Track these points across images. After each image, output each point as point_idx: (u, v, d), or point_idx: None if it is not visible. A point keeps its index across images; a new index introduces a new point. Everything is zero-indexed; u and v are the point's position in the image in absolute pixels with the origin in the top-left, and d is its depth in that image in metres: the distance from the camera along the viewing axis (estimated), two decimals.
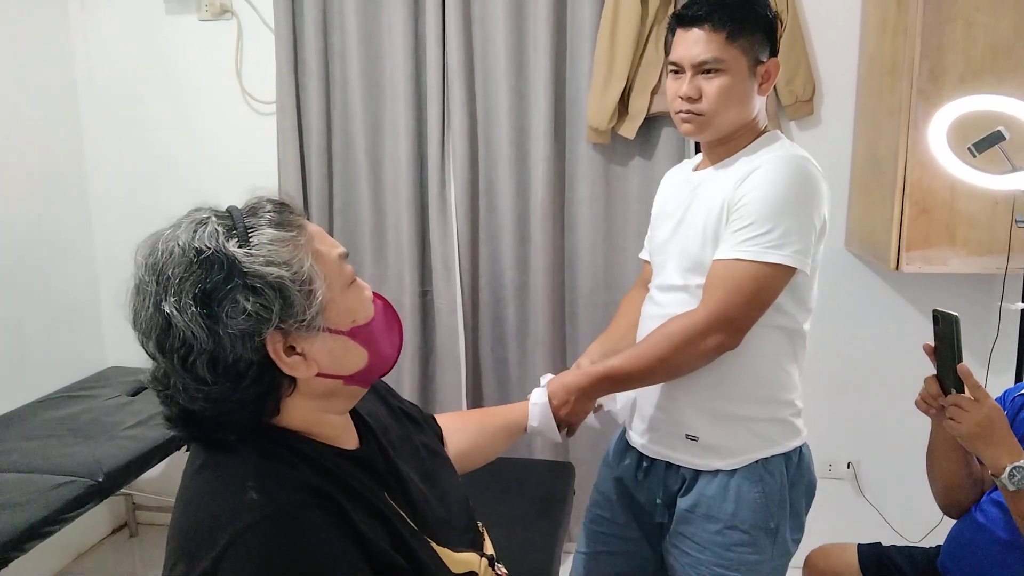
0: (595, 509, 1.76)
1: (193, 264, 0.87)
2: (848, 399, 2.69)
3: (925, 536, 2.37)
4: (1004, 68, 2.08)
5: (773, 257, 1.40)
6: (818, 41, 2.51)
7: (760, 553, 1.54)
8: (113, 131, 2.98)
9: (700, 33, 1.45)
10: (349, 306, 0.97)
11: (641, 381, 1.52)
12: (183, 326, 0.86)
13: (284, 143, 2.76)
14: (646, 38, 2.46)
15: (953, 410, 1.49)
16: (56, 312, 2.91)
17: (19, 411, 2.61)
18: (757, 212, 1.41)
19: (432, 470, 1.17)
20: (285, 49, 2.71)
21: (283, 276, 0.88)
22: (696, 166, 1.64)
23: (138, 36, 2.90)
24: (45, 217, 2.87)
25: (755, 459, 1.53)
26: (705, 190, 1.53)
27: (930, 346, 1.54)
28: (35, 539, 1.96)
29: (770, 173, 1.43)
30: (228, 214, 0.92)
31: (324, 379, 0.96)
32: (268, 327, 0.88)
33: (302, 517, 0.88)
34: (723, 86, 1.46)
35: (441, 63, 2.63)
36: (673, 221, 1.59)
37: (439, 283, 2.76)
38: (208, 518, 0.89)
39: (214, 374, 0.88)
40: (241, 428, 0.93)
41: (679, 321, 1.45)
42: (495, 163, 2.69)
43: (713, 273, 1.45)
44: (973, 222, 2.16)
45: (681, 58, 1.48)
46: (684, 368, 1.48)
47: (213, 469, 0.94)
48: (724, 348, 1.44)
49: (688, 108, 1.49)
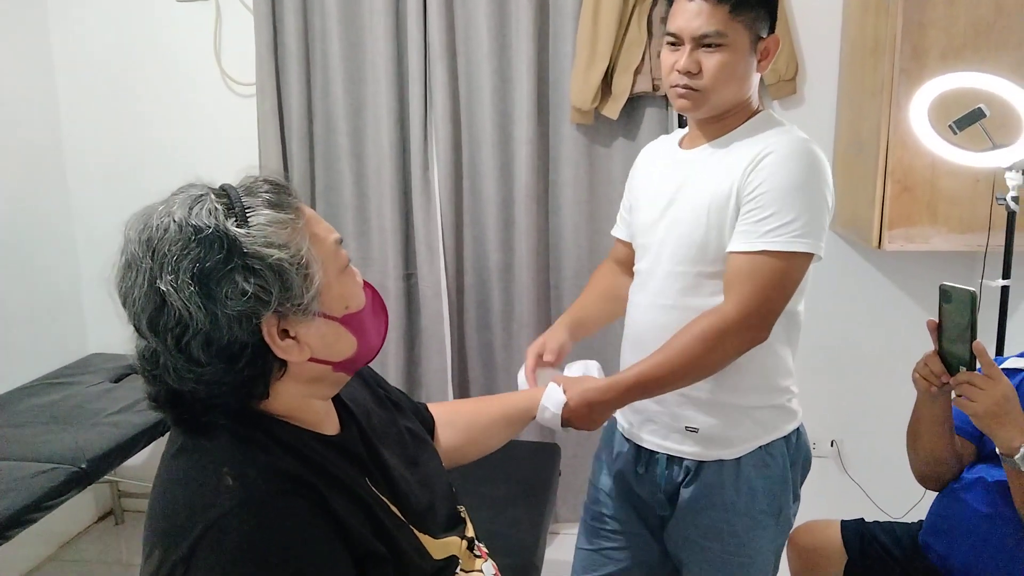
0: (594, 506, 1.72)
1: (191, 242, 0.85)
2: (831, 377, 2.71)
3: (907, 512, 2.39)
4: (985, 46, 2.08)
5: (799, 246, 1.37)
6: (801, 20, 2.51)
7: (766, 534, 1.55)
8: (92, 114, 2.94)
9: (703, 4, 1.38)
10: (343, 292, 0.97)
11: (673, 385, 1.45)
12: (180, 305, 0.84)
13: (264, 126, 2.74)
14: (629, 17, 2.45)
15: (966, 388, 1.46)
16: (38, 299, 2.88)
17: (1, 398, 2.58)
18: (779, 201, 1.36)
19: (416, 455, 1.16)
20: (264, 30, 2.67)
21: (283, 258, 0.87)
22: (681, 142, 1.58)
23: (116, 17, 2.86)
24: (25, 204, 2.83)
25: (757, 446, 1.52)
26: (702, 171, 1.48)
27: (934, 322, 1.51)
28: (18, 527, 1.95)
29: (785, 159, 1.39)
30: (224, 192, 0.90)
31: (314, 364, 0.95)
32: (267, 310, 0.87)
33: (278, 504, 0.88)
34: (724, 61, 1.40)
35: (423, 45, 2.61)
36: (661, 202, 1.52)
37: (423, 266, 2.75)
38: (184, 504, 0.88)
39: (208, 355, 0.87)
40: (228, 411, 0.92)
41: (708, 320, 1.39)
42: (478, 145, 2.68)
43: (737, 266, 1.40)
44: (954, 200, 2.17)
45: (681, 29, 1.41)
46: (717, 367, 1.42)
47: (190, 454, 0.93)
48: (756, 343, 1.41)
49: (686, 83, 1.42)
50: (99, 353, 2.99)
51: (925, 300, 2.62)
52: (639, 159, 1.70)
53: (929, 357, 1.53)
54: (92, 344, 3.05)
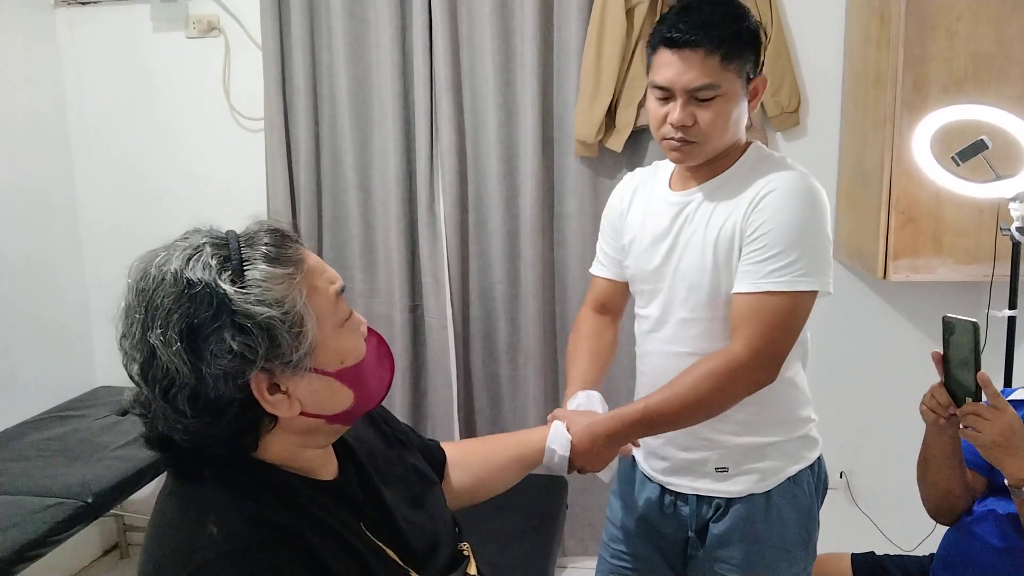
0: (613, 544, 1.68)
1: (183, 296, 0.85)
2: (839, 408, 2.69)
3: (918, 545, 2.37)
4: (986, 78, 2.10)
5: (804, 285, 1.36)
6: (803, 53, 2.53)
7: (797, 564, 1.55)
8: (102, 148, 2.97)
9: (693, 56, 1.34)
10: (340, 347, 0.95)
11: (677, 424, 1.43)
12: (167, 359, 0.84)
13: (272, 160, 2.76)
14: (632, 52, 2.47)
15: (972, 419, 1.45)
16: (45, 332, 2.89)
17: (8, 432, 2.59)
18: (783, 240, 1.35)
19: (420, 494, 1.15)
20: (273, 66, 2.71)
21: (273, 316, 0.86)
22: (670, 182, 1.55)
23: (126, 55, 2.90)
24: (34, 236, 2.86)
25: (786, 477, 1.52)
26: (703, 214, 1.45)
27: (939, 354, 1.51)
28: (24, 562, 1.94)
29: (786, 197, 1.37)
30: (225, 242, 0.90)
31: (306, 418, 0.94)
32: (252, 368, 0.86)
33: (261, 553, 0.87)
34: (719, 112, 1.37)
35: (429, 80, 2.64)
36: (663, 247, 1.49)
37: (429, 298, 2.76)
38: (170, 551, 0.89)
39: (194, 409, 0.86)
40: (217, 461, 0.92)
41: (718, 359, 1.37)
42: (484, 178, 2.70)
43: (742, 308, 1.38)
44: (959, 231, 2.17)
45: (672, 83, 1.36)
46: (725, 407, 1.41)
47: (179, 499, 0.93)
48: (765, 384, 1.39)
49: (682, 136, 1.39)
50: (106, 386, 2.99)
51: (931, 331, 2.61)
52: (623, 194, 1.64)
53: (935, 389, 1.53)
54: (99, 377, 3.05)
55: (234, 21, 2.82)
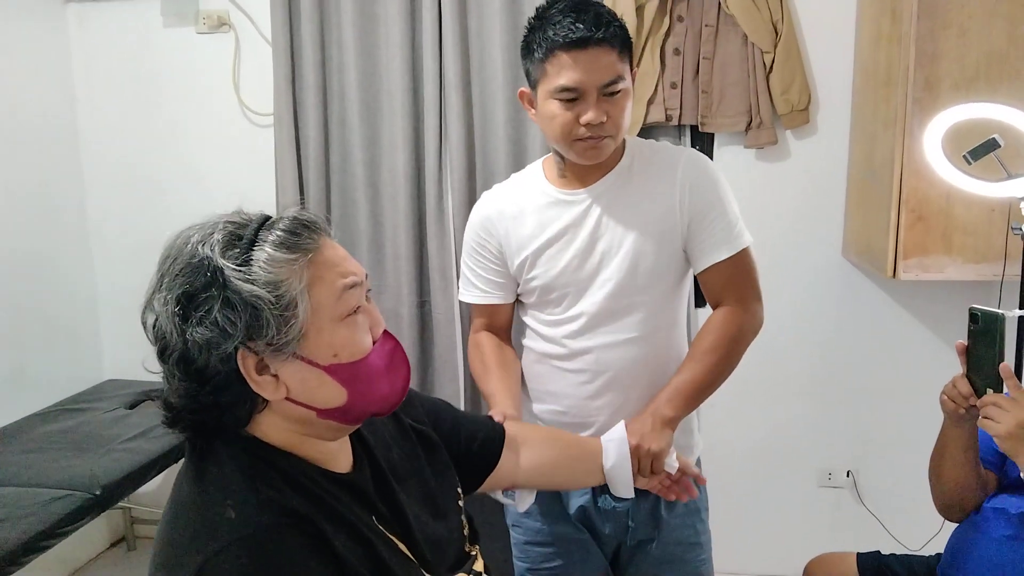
0: (541, 563, 1.67)
1: (188, 266, 0.90)
2: (846, 407, 2.69)
3: (925, 544, 2.36)
4: (998, 76, 2.09)
5: (748, 236, 1.55)
6: (813, 51, 2.52)
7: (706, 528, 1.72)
8: (111, 144, 2.98)
9: (599, 53, 1.37)
10: (333, 341, 0.94)
11: (710, 390, 1.53)
12: (163, 320, 0.90)
13: (281, 155, 2.77)
14: (642, 49, 2.47)
15: (991, 409, 1.46)
16: (54, 325, 2.91)
17: (17, 424, 2.60)
18: (725, 207, 1.52)
19: (435, 491, 1.15)
20: (282, 62, 2.71)
21: (260, 296, 0.88)
22: (555, 183, 1.56)
23: (135, 50, 2.91)
24: (42, 230, 2.87)
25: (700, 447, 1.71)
26: (620, 202, 1.50)
27: (963, 344, 1.53)
28: (32, 553, 1.95)
29: (707, 171, 1.53)
30: (246, 223, 0.94)
31: (294, 405, 0.95)
32: (232, 341, 0.88)
33: (276, 540, 0.88)
34: (625, 103, 1.43)
35: (438, 76, 2.64)
36: (578, 243, 1.51)
37: (437, 294, 2.76)
38: (187, 534, 0.90)
39: (182, 372, 0.91)
40: (216, 432, 0.94)
41: (728, 321, 1.52)
42: (492, 174, 2.69)
43: (723, 274, 1.52)
44: (969, 229, 2.16)
45: (581, 82, 1.38)
46: (737, 363, 1.55)
47: (198, 482, 0.94)
48: (760, 327, 1.58)
49: (598, 134, 1.41)
50: (114, 379, 3.00)
51: (940, 329, 2.60)
52: (499, 217, 1.61)
53: (957, 379, 1.55)
54: (108, 370, 3.06)
55: (244, 16, 2.82)
